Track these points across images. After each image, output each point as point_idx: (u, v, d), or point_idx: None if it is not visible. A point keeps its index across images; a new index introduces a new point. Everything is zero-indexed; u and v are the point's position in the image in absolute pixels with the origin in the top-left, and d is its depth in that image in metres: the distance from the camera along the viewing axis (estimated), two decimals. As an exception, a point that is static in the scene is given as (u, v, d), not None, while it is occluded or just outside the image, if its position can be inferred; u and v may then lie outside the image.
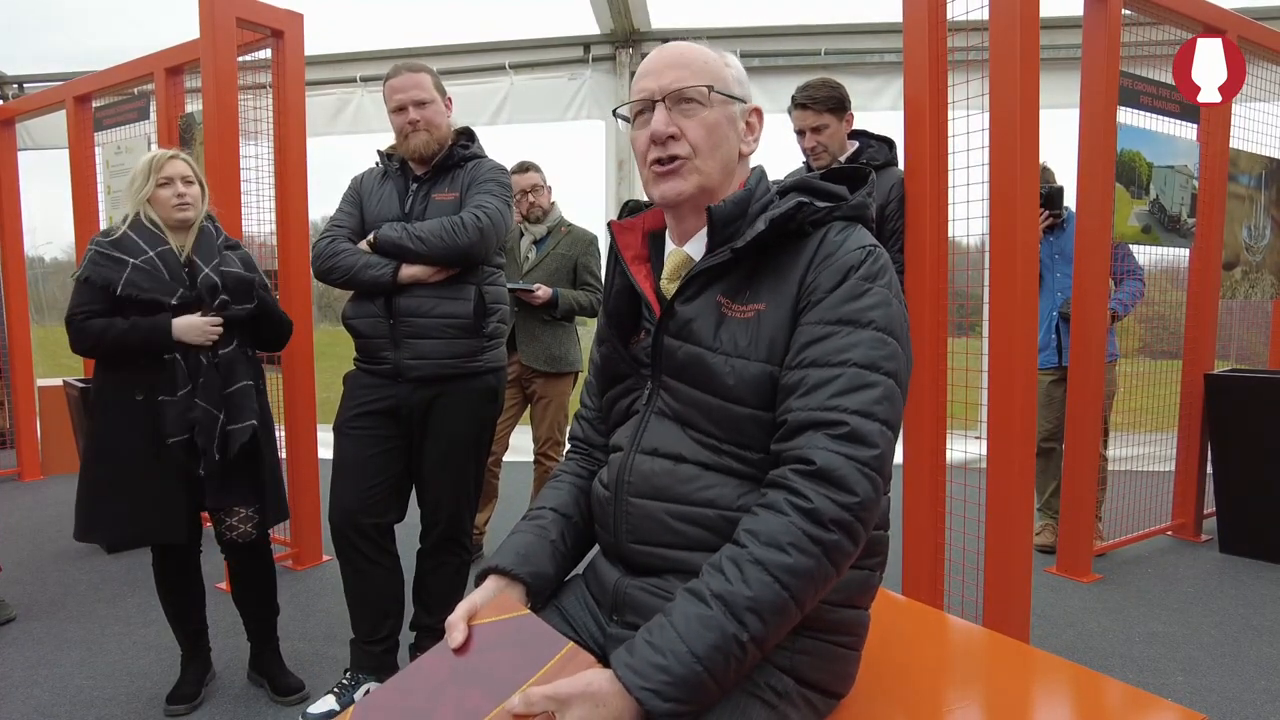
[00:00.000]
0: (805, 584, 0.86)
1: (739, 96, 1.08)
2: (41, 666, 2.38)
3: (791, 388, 0.94)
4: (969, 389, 2.44)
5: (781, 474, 0.91)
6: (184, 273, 1.99)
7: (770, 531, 0.87)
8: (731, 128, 1.07)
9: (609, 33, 4.92)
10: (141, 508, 1.95)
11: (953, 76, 2.32)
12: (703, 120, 1.04)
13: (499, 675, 0.90)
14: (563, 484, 1.20)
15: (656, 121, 1.04)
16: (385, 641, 2.14)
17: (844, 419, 0.89)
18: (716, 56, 1.08)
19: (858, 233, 1.01)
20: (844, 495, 0.87)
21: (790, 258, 1.00)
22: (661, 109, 1.04)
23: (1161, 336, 3.73)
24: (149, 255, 1.95)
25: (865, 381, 0.91)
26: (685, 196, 1.05)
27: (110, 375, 2.00)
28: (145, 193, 2.00)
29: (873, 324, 0.94)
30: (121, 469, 1.95)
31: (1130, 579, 3.04)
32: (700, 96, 1.04)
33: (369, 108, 5.16)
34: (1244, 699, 2.13)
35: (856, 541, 0.89)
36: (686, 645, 0.83)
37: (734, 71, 1.09)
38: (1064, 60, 4.19)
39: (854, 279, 0.96)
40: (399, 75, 2.08)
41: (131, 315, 1.94)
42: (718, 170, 1.06)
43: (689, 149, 1.04)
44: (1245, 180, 3.54)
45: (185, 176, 2.03)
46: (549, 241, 3.30)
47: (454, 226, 2.00)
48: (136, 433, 1.95)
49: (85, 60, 4.88)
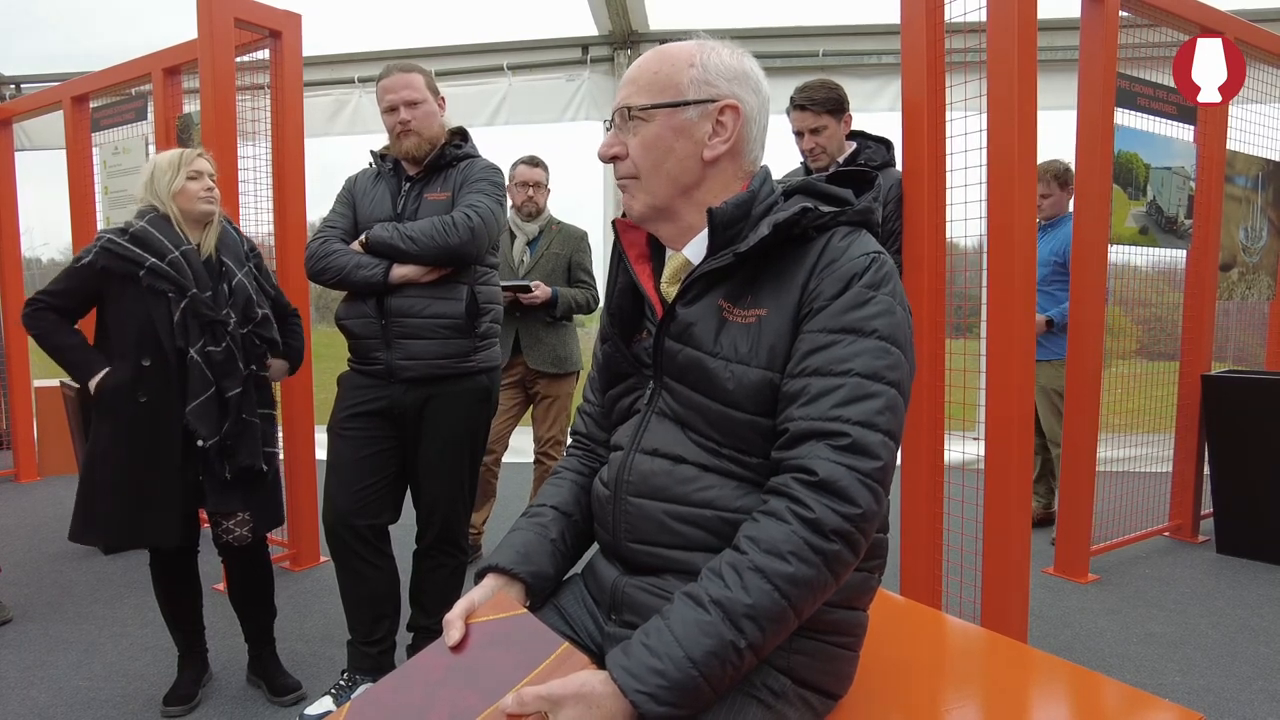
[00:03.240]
0: (804, 593, 0.86)
1: (694, 99, 1.02)
2: (38, 668, 2.38)
3: (793, 396, 0.93)
4: (967, 390, 2.44)
5: (784, 482, 0.90)
6: (205, 273, 1.99)
7: (771, 539, 0.86)
8: (680, 137, 1.02)
9: (607, 34, 4.93)
10: (137, 509, 1.95)
11: (950, 78, 2.33)
12: (643, 139, 1.03)
13: (494, 674, 0.89)
14: (563, 481, 1.19)
15: (601, 144, 1.07)
16: (382, 643, 2.14)
17: (846, 430, 0.89)
18: (683, 57, 1.04)
19: (862, 239, 1.00)
20: (846, 506, 0.87)
21: (793, 263, 0.99)
22: (611, 130, 1.07)
23: (1159, 338, 3.74)
24: (174, 255, 1.95)
25: (868, 392, 0.90)
26: (636, 215, 1.07)
27: (115, 377, 1.99)
28: (175, 185, 2.01)
29: (876, 333, 0.93)
30: (120, 470, 1.95)
31: (1128, 579, 3.05)
32: (643, 114, 1.03)
33: (367, 109, 5.16)
34: (1241, 699, 2.14)
35: (857, 552, 0.89)
36: (683, 650, 0.83)
37: (697, 71, 1.03)
38: (1061, 62, 4.20)
39: (857, 287, 0.94)
40: (391, 75, 2.08)
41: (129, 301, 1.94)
42: (664, 187, 1.04)
43: (633, 168, 1.05)
44: (1242, 182, 3.55)
45: (211, 174, 2.07)
46: (542, 241, 3.31)
47: (445, 226, 2.00)
48: (138, 435, 1.95)
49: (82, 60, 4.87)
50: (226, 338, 1.96)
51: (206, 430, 1.93)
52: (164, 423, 1.94)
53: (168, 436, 1.95)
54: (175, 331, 1.93)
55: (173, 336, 1.93)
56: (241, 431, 1.99)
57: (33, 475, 4.95)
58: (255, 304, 2.05)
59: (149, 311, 1.93)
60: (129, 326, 1.95)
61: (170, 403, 1.94)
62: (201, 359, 1.94)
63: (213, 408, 1.94)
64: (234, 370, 1.97)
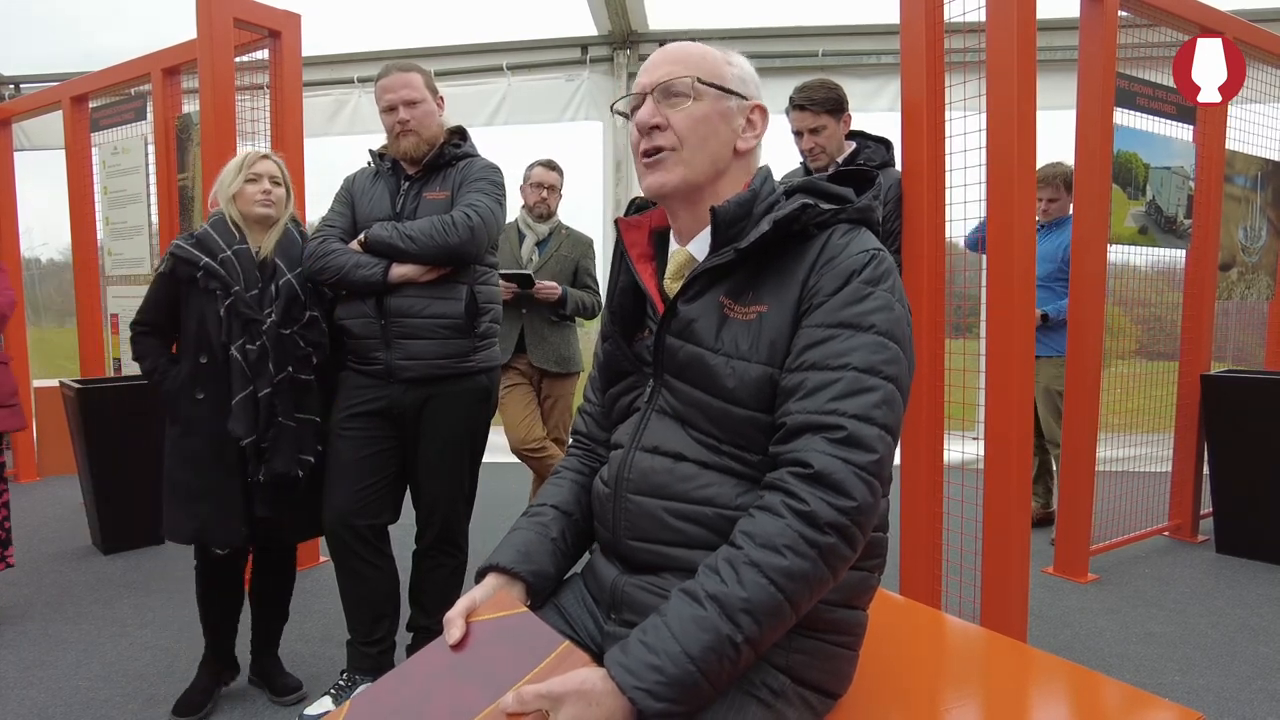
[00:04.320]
0: (800, 587, 0.86)
1: (736, 91, 1.07)
2: (37, 668, 2.38)
3: (791, 390, 0.94)
4: (966, 390, 2.44)
5: (779, 476, 0.90)
6: (256, 272, 1.99)
7: (766, 534, 0.87)
8: (724, 122, 1.06)
9: (606, 34, 4.93)
10: (200, 507, 1.95)
11: (950, 78, 2.33)
12: (689, 113, 1.04)
13: (494, 672, 0.89)
14: (564, 481, 1.20)
15: (641, 112, 1.05)
16: (381, 643, 2.13)
17: (842, 423, 0.89)
18: (719, 55, 1.08)
19: (862, 236, 1.00)
20: (841, 499, 0.87)
21: (793, 260, 0.99)
22: (650, 102, 1.05)
23: (1158, 338, 3.74)
24: (225, 254, 1.96)
25: (864, 385, 0.90)
26: (669, 189, 1.05)
27: (180, 377, 2.00)
28: (233, 188, 2.02)
29: (874, 328, 0.93)
30: (182, 468, 1.97)
31: (1127, 579, 3.05)
32: (686, 89, 1.04)
33: (366, 109, 5.17)
34: (1240, 698, 2.14)
35: (853, 546, 0.89)
36: (681, 646, 0.83)
37: (736, 70, 1.08)
38: (1061, 62, 4.21)
39: (856, 283, 0.95)
40: (390, 75, 2.08)
41: (199, 306, 1.96)
42: (705, 164, 1.05)
43: (674, 140, 1.04)
44: (1241, 181, 3.55)
45: (273, 176, 2.05)
46: (551, 242, 3.33)
47: (444, 225, 2.00)
48: (198, 433, 1.96)
49: (82, 61, 4.88)
50: (261, 337, 1.96)
51: (242, 429, 1.93)
52: (221, 421, 1.95)
53: (225, 435, 1.95)
54: (222, 329, 1.95)
55: (220, 334, 1.95)
56: (278, 435, 1.97)
57: (32, 475, 4.95)
58: (302, 305, 2.03)
59: (205, 310, 1.96)
60: (191, 325, 1.98)
61: (225, 401, 1.95)
62: (240, 356, 1.95)
63: (250, 406, 1.94)
64: (264, 370, 1.96)
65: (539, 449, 3.18)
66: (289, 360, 2.00)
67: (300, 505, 2.07)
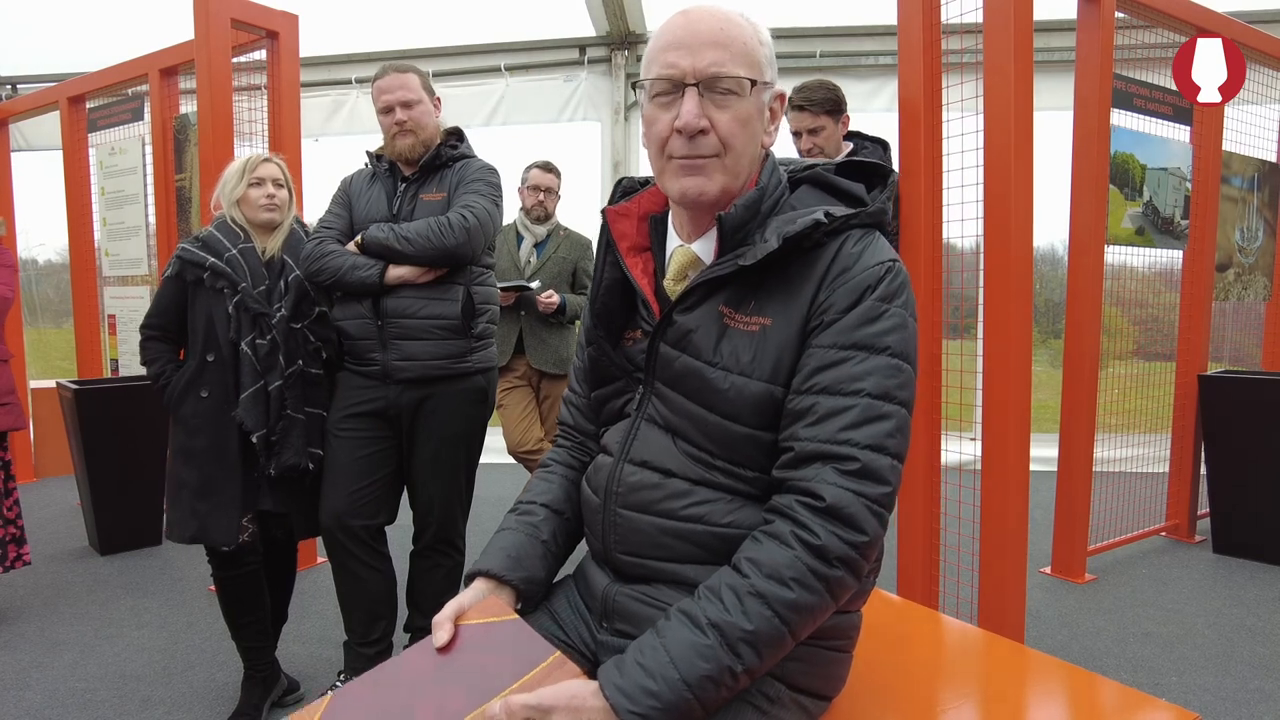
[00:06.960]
0: (804, 618, 0.85)
1: (770, 81, 0.97)
2: (34, 669, 2.37)
3: (799, 414, 0.90)
4: (964, 390, 2.44)
5: (788, 504, 0.87)
6: (263, 269, 2.00)
7: (774, 564, 0.84)
8: (759, 118, 0.97)
9: (604, 35, 4.93)
10: (200, 506, 1.95)
11: (947, 79, 2.33)
12: (737, 114, 0.93)
13: (483, 678, 0.88)
14: (553, 476, 1.16)
15: (687, 112, 0.92)
16: (378, 644, 2.13)
17: (855, 454, 0.85)
18: (753, 32, 0.96)
19: (875, 245, 0.93)
20: (852, 534, 0.84)
21: (802, 269, 0.93)
22: (693, 96, 0.92)
23: (1155, 338, 3.75)
24: (231, 253, 1.97)
25: (879, 413, 0.87)
26: (709, 198, 0.96)
27: (184, 376, 2.00)
28: (237, 192, 2.02)
29: (888, 350, 0.89)
30: (185, 466, 1.97)
31: (1124, 579, 3.05)
32: (739, 88, 0.93)
33: (364, 109, 5.16)
34: (1238, 699, 2.14)
35: (859, 577, 0.87)
36: (679, 672, 0.81)
37: (767, 50, 0.97)
38: (1058, 63, 4.22)
39: (870, 300, 0.90)
40: (386, 76, 2.08)
41: (206, 307, 1.96)
42: (744, 170, 0.97)
43: (718, 145, 0.94)
44: (1238, 182, 3.56)
45: (276, 179, 2.06)
46: (549, 244, 3.34)
47: (441, 227, 2.00)
48: (202, 431, 1.96)
49: (79, 61, 4.87)
50: (271, 331, 1.96)
51: (253, 422, 1.93)
52: (225, 420, 1.95)
53: (227, 434, 1.95)
54: (230, 325, 1.95)
55: (229, 331, 1.95)
56: (288, 428, 1.99)
57: (29, 476, 4.93)
58: (312, 301, 2.04)
59: (213, 309, 1.96)
60: (199, 325, 1.98)
61: (230, 399, 1.95)
62: (250, 351, 1.95)
63: (261, 400, 1.95)
64: (275, 364, 1.97)
65: (536, 451, 3.18)
66: (299, 354, 2.01)
67: (308, 499, 2.08)
